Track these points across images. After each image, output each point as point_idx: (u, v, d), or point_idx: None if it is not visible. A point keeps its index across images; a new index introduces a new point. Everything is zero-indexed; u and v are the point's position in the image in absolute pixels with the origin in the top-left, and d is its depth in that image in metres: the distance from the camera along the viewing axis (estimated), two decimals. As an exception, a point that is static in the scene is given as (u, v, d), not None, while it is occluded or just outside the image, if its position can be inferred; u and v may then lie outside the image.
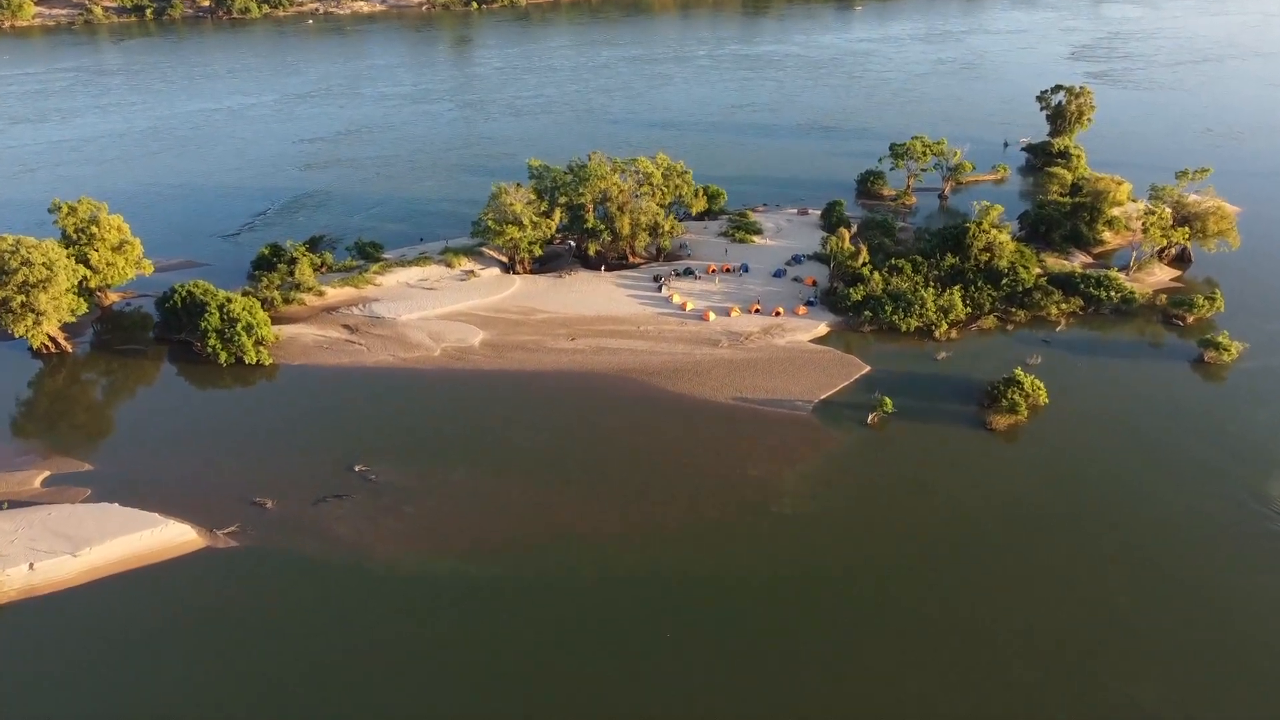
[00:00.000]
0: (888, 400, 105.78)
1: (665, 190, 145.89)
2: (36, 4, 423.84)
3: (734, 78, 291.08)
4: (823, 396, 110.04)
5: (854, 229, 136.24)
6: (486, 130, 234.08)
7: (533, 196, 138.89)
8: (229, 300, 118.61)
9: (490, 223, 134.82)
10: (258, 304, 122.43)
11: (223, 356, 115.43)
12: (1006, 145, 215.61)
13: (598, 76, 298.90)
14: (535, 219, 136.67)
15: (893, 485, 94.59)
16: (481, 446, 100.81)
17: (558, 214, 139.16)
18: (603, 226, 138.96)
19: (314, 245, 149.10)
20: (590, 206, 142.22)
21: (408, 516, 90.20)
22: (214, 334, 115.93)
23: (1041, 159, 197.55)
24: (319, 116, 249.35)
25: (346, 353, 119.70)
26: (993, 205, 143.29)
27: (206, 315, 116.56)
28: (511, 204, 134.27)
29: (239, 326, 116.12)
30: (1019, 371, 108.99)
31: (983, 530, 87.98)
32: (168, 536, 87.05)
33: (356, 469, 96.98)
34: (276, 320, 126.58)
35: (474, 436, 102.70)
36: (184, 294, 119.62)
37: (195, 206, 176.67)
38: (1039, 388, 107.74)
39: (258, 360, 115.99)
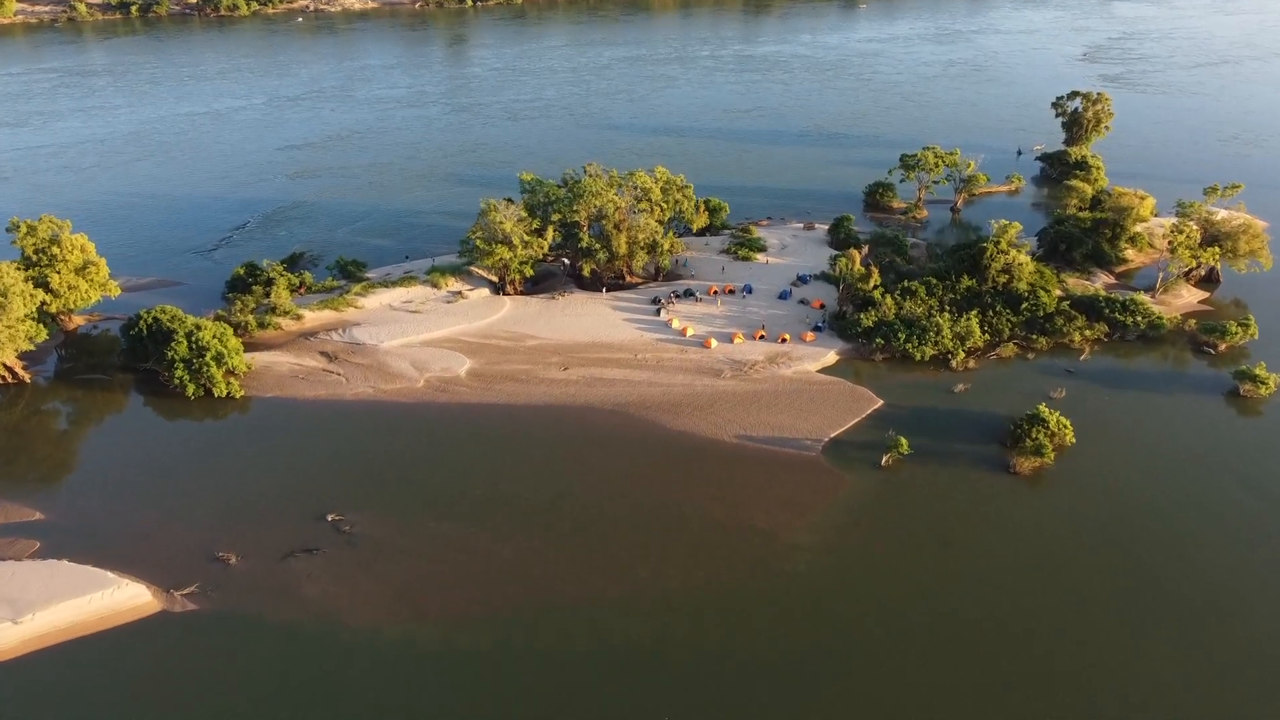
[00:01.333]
0: (903, 440, 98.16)
1: (664, 206, 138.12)
2: (18, 0, 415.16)
3: (739, 80, 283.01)
4: (833, 435, 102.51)
5: (865, 250, 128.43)
6: (482, 135, 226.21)
7: (524, 214, 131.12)
8: (198, 328, 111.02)
9: (479, 242, 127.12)
10: (229, 331, 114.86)
11: (190, 389, 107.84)
12: (1020, 153, 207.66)
13: (598, 78, 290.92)
14: (526, 238, 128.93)
15: (912, 540, 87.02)
16: (465, 493, 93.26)
17: (550, 232, 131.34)
18: (598, 245, 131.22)
19: (293, 263, 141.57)
20: (585, 224, 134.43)
21: (384, 576, 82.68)
22: (181, 364, 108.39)
23: (1058, 169, 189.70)
24: (308, 121, 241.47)
25: (323, 384, 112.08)
26: (1010, 223, 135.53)
27: (173, 344, 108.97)
28: (501, 222, 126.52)
29: (208, 356, 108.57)
30: (1043, 408, 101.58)
31: (1014, 595, 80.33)
32: (120, 599, 79.57)
33: (329, 518, 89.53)
34: (250, 346, 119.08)
35: (457, 481, 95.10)
36: (150, 321, 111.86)
37: (173, 219, 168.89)
38: (1065, 426, 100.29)
39: (228, 393, 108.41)
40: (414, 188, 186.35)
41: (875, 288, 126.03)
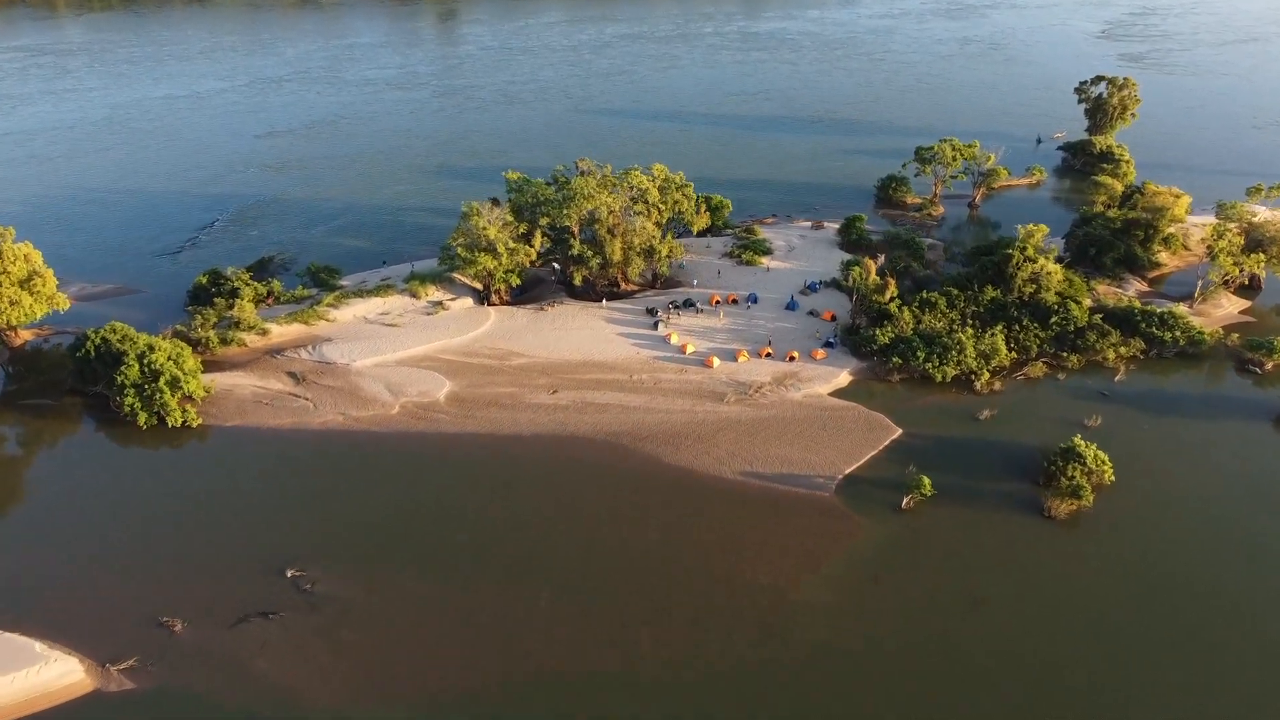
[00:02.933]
0: (925, 480, 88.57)
1: (662, 208, 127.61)
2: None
3: (744, 59, 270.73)
4: (847, 471, 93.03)
5: (880, 259, 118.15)
6: (475, 122, 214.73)
7: (509, 218, 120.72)
8: (150, 349, 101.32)
9: (460, 250, 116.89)
10: (187, 350, 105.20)
11: (142, 418, 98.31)
12: (1040, 142, 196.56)
13: (598, 57, 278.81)
14: (512, 245, 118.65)
15: (939, 599, 77.76)
16: (441, 543, 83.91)
17: (538, 238, 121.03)
18: (590, 252, 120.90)
19: (262, 269, 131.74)
20: (576, 228, 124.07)
21: (349, 646, 73.56)
22: (132, 390, 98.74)
23: (1081, 160, 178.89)
24: (291, 105, 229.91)
25: (289, 410, 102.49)
26: (1036, 226, 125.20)
27: (123, 367, 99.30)
28: (484, 228, 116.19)
29: (162, 381, 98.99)
30: (1078, 441, 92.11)
31: (1055, 665, 71.16)
32: (48, 678, 70.49)
33: (289, 573, 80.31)
34: (211, 366, 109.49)
35: (433, 529, 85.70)
36: (98, 341, 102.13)
37: (139, 216, 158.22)
38: (1104, 462, 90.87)
39: (183, 422, 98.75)
40: (399, 181, 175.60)
41: (892, 299, 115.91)
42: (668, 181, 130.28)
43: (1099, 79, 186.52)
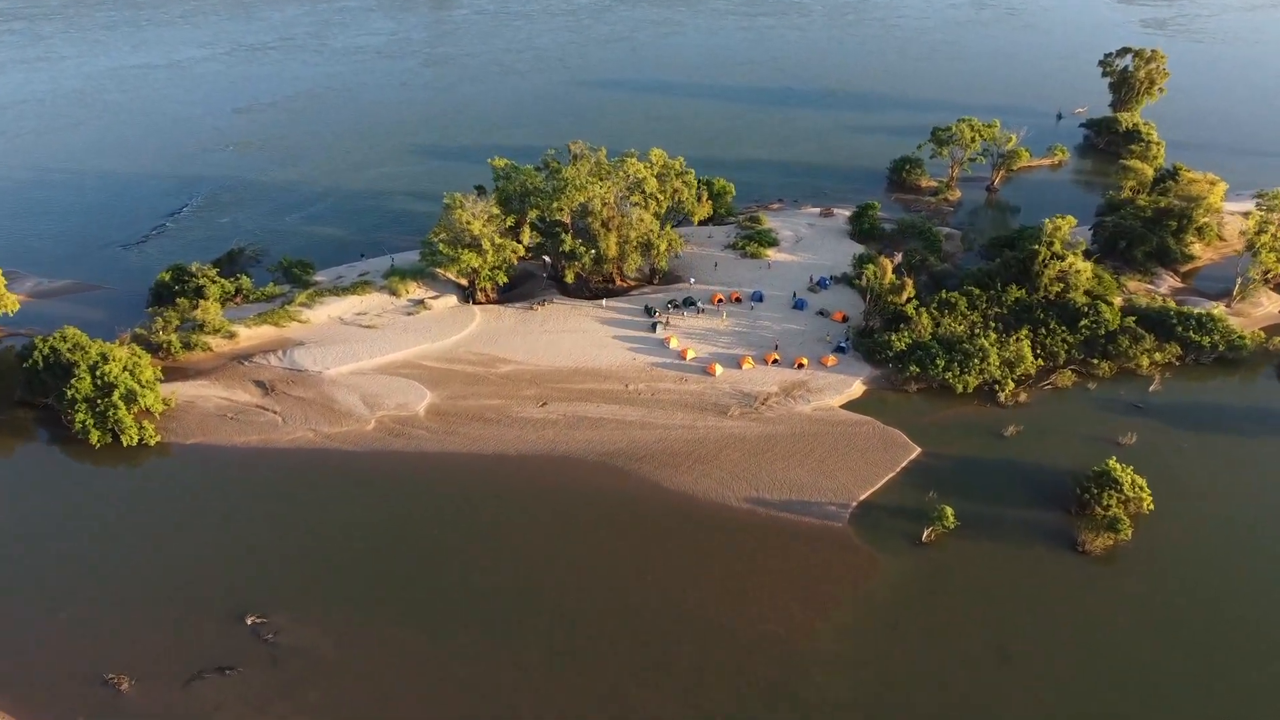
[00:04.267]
0: (948, 511, 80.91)
1: (661, 198, 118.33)
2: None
3: (750, 26, 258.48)
4: (862, 497, 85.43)
5: (896, 257, 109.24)
6: (467, 96, 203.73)
7: (495, 210, 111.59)
8: (104, 358, 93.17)
9: (442, 246, 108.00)
10: (145, 360, 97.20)
11: (94, 436, 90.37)
12: (1060, 117, 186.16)
13: (597, 22, 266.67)
14: (498, 240, 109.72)
15: (964, 650, 70.62)
16: (415, 584, 76.51)
17: (527, 233, 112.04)
18: (583, 248, 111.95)
19: (231, 262, 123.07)
20: (569, 221, 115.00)
21: (313, 708, 66.52)
22: (84, 405, 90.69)
23: (1105, 138, 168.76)
24: (274, 76, 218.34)
25: (256, 425, 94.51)
26: (1063, 219, 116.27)
27: (74, 380, 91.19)
28: (468, 223, 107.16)
29: (116, 395, 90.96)
30: (1113, 464, 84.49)
31: (1093, 740, 64.24)
32: (-25, 747, 63.47)
33: (250, 620, 73.07)
34: (173, 373, 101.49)
35: (406, 568, 78.19)
36: (46, 351, 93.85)
37: (105, 201, 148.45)
38: (1141, 489, 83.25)
39: (140, 439, 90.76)
40: (383, 161, 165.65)
41: (909, 301, 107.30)
42: (666, 168, 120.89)
43: (1125, 50, 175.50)
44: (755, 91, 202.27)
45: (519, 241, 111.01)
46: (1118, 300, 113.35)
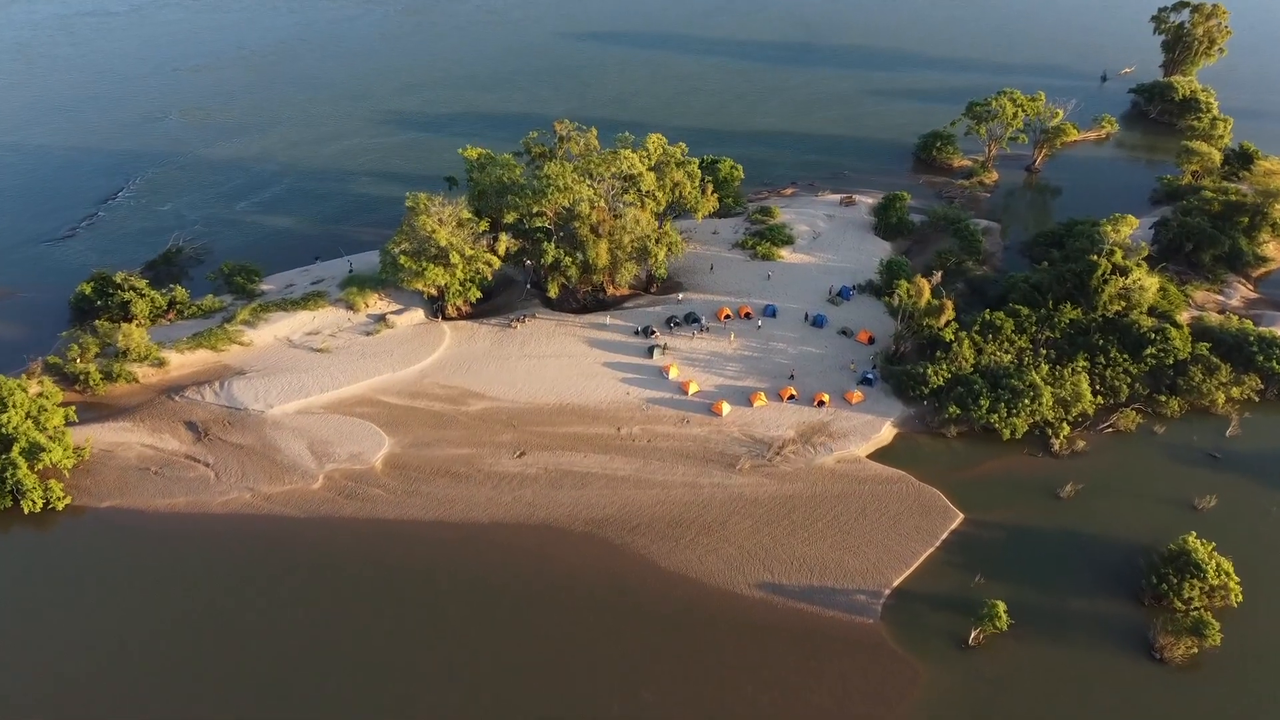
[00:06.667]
0: (1000, 607, 67.64)
1: (660, 196, 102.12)
2: None
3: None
4: (896, 582, 72.28)
5: (936, 277, 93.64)
6: (452, 50, 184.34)
7: (466, 215, 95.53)
8: (1, 404, 78.58)
9: (404, 259, 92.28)
10: (57, 397, 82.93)
11: (-12, 503, 76.34)
12: (1105, 79, 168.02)
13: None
14: (469, 251, 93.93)
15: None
16: (360, 712, 63.27)
17: (504, 241, 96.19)
18: (569, 259, 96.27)
19: (168, 265, 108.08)
20: (552, 223, 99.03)
21: None
22: (-25, 464, 76.46)
23: (1157, 106, 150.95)
24: (239, 25, 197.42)
25: (183, 483, 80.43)
26: (1122, 219, 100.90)
27: (-36, 433, 76.86)
28: (434, 231, 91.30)
29: (15, 451, 76.85)
30: (1192, 541, 71.49)
31: None
32: None
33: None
34: (91, 410, 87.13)
35: (348, 696, 64.38)
36: (-70, 397, 79.29)
37: (27, 185, 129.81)
38: (1228, 575, 70.19)
39: (45, 504, 76.72)
40: (353, 131, 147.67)
41: (948, 324, 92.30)
42: (666, 156, 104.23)
43: (1181, 4, 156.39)
44: (771, 48, 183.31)
45: (494, 252, 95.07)
46: (1184, 316, 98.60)
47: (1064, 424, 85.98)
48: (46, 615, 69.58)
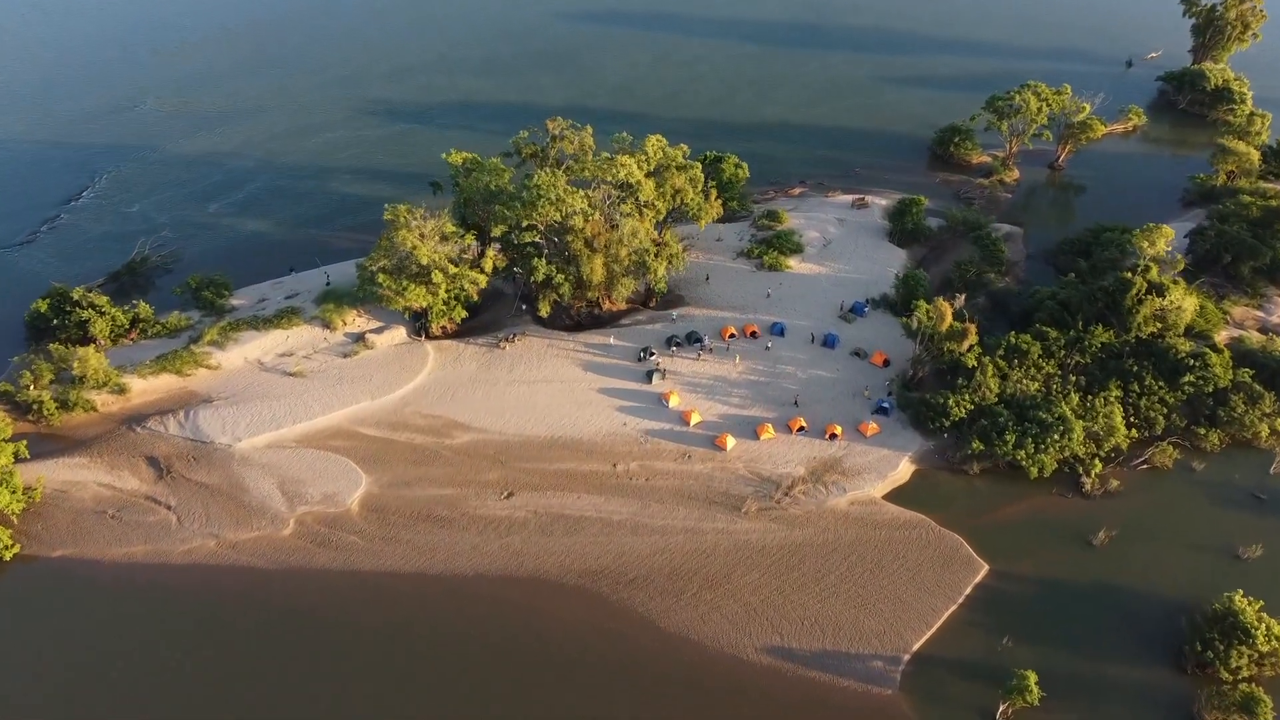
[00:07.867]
0: (1029, 678, 61.66)
1: (659, 204, 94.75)
2: None
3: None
4: (916, 646, 66.42)
5: (959, 300, 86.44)
6: (450, 31, 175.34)
7: (450, 228, 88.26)
8: (-58, 445, 72.25)
9: (382, 278, 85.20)
10: (5, 431, 76.47)
11: (-71, 553, 70.14)
12: (1130, 64, 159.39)
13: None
14: (453, 270, 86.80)
15: None
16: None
17: (490, 257, 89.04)
18: (560, 276, 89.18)
19: (132, 276, 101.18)
20: (543, 237, 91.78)
21: None
22: (-85, 511, 70.24)
23: (1187, 96, 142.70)
24: (215, 6, 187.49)
25: (142, 529, 74.23)
26: (1158, 229, 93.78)
27: (-99, 477, 70.46)
28: (414, 248, 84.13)
29: (-42, 495, 70.43)
30: (1239, 600, 65.43)
31: None
32: None
33: None
34: (45, 443, 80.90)
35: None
36: None
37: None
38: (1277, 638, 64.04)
39: (-8, 553, 70.71)
40: (335, 123, 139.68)
41: (970, 349, 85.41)
42: (666, 160, 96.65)
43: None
44: (781, 30, 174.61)
45: (480, 269, 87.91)
46: (1222, 335, 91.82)
47: (1096, 460, 79.53)
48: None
